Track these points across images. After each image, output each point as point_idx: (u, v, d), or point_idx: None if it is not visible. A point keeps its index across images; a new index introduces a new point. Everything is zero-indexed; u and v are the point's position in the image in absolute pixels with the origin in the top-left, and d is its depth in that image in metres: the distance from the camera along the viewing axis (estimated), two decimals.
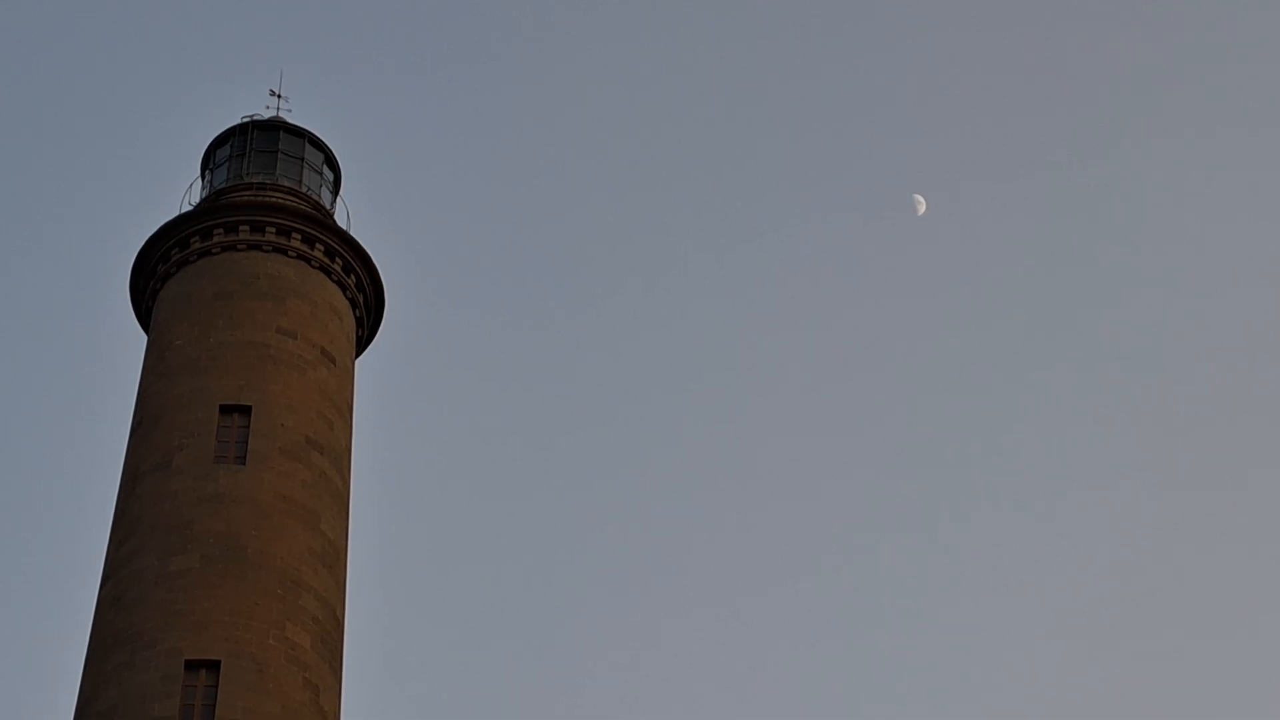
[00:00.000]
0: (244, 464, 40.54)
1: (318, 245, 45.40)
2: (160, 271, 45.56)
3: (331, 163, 48.98)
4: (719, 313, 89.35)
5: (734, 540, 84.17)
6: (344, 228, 46.69)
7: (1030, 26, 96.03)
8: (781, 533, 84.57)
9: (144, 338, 46.33)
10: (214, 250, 44.87)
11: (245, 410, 41.57)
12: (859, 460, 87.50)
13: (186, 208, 46.42)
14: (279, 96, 49.59)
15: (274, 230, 45.02)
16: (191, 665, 36.88)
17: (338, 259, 45.74)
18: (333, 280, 45.56)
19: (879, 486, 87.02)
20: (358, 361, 46.84)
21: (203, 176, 48.37)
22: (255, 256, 44.71)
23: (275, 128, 48.43)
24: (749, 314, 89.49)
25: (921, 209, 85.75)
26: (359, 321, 46.69)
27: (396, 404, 65.44)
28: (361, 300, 46.60)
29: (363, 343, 47.44)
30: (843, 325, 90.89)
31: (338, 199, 48.68)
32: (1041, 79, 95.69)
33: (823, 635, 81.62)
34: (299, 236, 45.19)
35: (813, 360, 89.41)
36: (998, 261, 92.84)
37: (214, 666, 36.95)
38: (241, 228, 45.01)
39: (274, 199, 45.91)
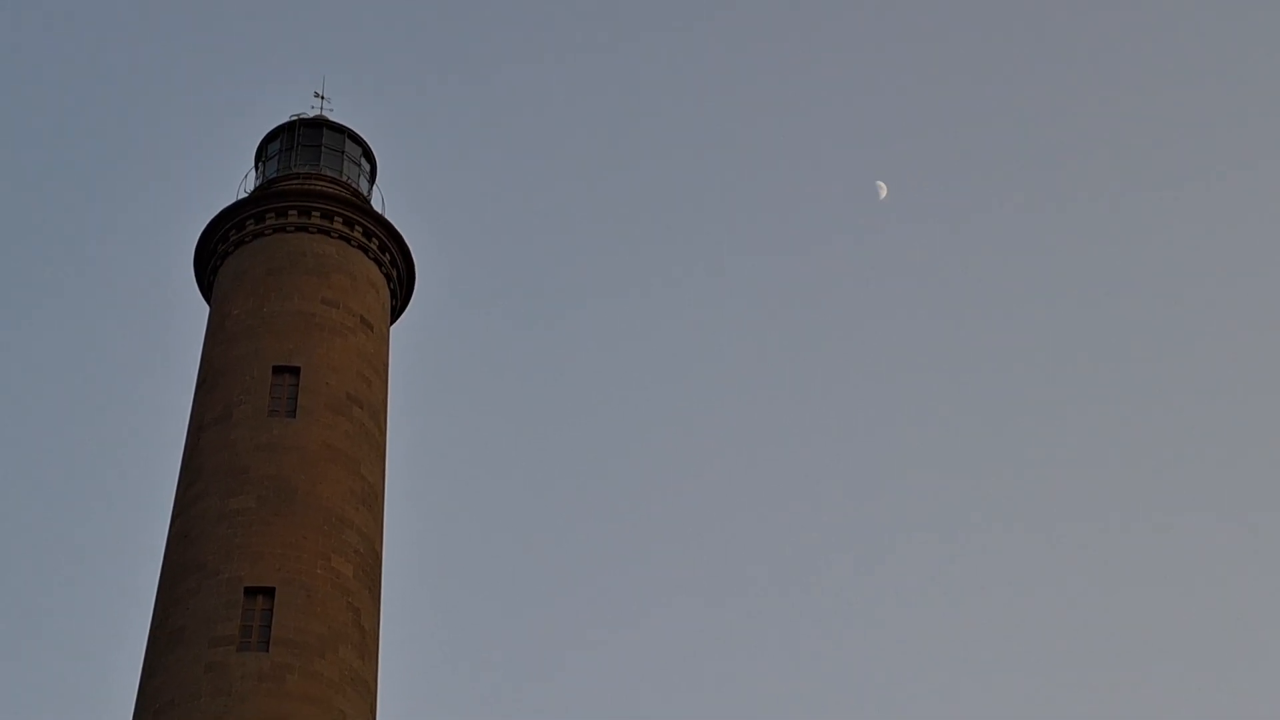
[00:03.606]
0: (294, 417, 40.51)
1: (357, 227, 45.31)
2: (220, 250, 45.53)
3: (368, 155, 48.85)
4: (729, 303, 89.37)
5: (718, 526, 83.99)
6: (379, 212, 46.60)
7: (998, 27, 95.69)
8: (767, 523, 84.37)
9: (206, 308, 46.36)
10: (266, 232, 44.81)
11: (295, 370, 41.54)
12: (854, 458, 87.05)
13: (243, 195, 46.53)
14: (322, 98, 49.62)
15: (319, 214, 44.95)
16: (250, 591, 37.02)
17: (374, 239, 45.61)
18: (370, 257, 45.47)
19: (865, 481, 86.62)
20: (392, 328, 46.96)
21: (256, 168, 48.33)
22: (302, 237, 44.63)
23: (319, 125, 48.41)
24: (749, 311, 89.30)
25: (883, 194, 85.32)
26: (393, 293, 46.59)
27: (426, 364, 65.13)
28: (395, 274, 46.45)
29: (396, 311, 47.32)
30: (844, 330, 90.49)
31: (374, 187, 48.62)
32: (1011, 79, 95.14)
33: (800, 630, 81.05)
34: (340, 219, 45.07)
35: (814, 357, 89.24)
36: (978, 257, 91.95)
37: (269, 592, 37.04)
38: (290, 212, 44.91)
39: (318, 187, 45.87)
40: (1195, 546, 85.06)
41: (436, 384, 74.67)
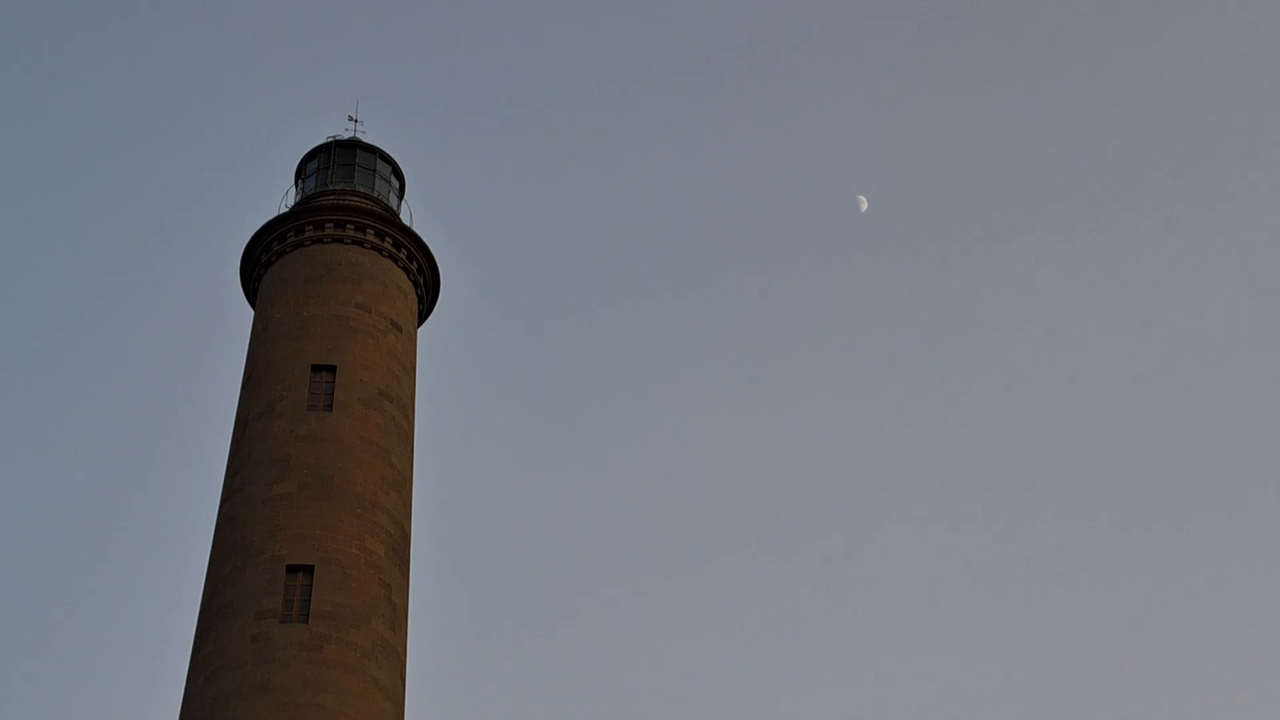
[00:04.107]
0: (330, 411, 41.03)
1: (387, 238, 45.87)
2: (264, 260, 46.22)
3: (398, 173, 49.33)
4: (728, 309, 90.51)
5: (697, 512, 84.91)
6: (407, 224, 47.07)
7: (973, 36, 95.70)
8: (757, 504, 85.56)
9: (251, 312, 47.07)
10: (306, 243, 45.42)
11: (331, 369, 42.05)
12: (846, 454, 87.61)
13: (284, 210, 47.12)
14: (356, 121, 50.24)
15: (353, 227, 45.51)
16: (291, 569, 37.58)
17: (403, 249, 46.19)
18: (399, 266, 45.99)
19: (856, 475, 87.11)
20: (420, 329, 47.31)
21: (296, 184, 48.98)
22: (338, 248, 45.21)
23: (353, 146, 48.98)
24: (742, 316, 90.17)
25: (864, 207, 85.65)
26: (420, 298, 47.09)
27: (450, 362, 65.59)
28: (422, 281, 47.00)
29: (423, 314, 47.77)
30: (850, 336, 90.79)
31: (403, 201, 49.07)
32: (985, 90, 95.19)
33: (789, 604, 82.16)
34: (372, 231, 45.69)
35: (809, 357, 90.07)
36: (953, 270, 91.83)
37: (309, 570, 37.59)
38: (327, 225, 45.49)
39: (352, 202, 46.38)
40: (1160, 545, 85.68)
41: (459, 380, 75.58)
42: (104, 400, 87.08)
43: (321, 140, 49.27)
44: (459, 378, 75.64)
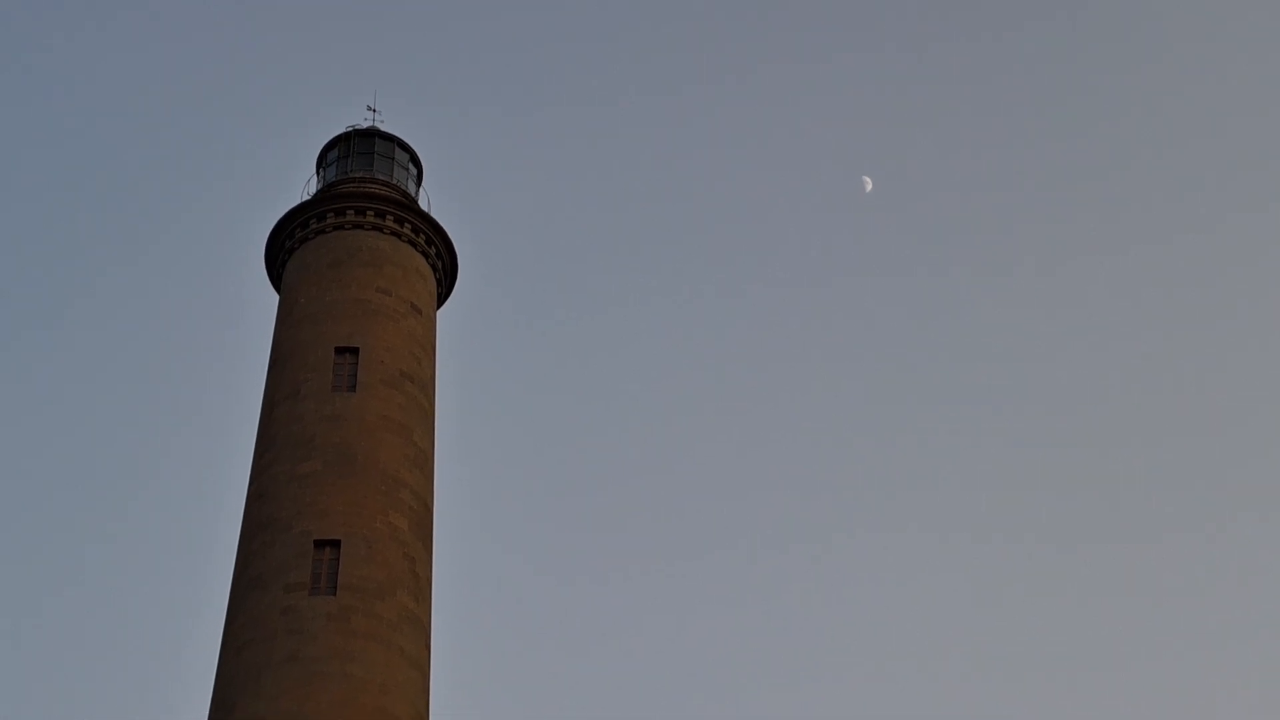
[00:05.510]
0: (354, 391, 41.18)
1: (406, 224, 45.96)
2: (288, 246, 46.39)
3: (415, 160, 49.46)
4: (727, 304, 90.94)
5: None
6: (426, 210, 47.23)
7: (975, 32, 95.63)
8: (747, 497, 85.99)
9: (276, 297, 47.35)
10: (328, 229, 45.53)
11: (354, 350, 42.21)
12: (850, 450, 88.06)
13: (306, 197, 47.36)
14: (374, 111, 50.29)
15: (373, 213, 45.61)
16: (318, 543, 37.75)
17: (421, 234, 46.30)
18: (418, 250, 46.08)
19: (869, 470, 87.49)
20: (439, 312, 47.42)
21: (318, 173, 49.10)
22: (359, 234, 45.30)
23: (372, 135, 49.00)
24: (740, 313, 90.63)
25: (868, 187, 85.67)
26: (439, 281, 47.19)
27: (468, 343, 66.52)
28: (440, 265, 47.11)
29: (442, 297, 47.85)
30: (860, 332, 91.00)
31: (421, 188, 49.23)
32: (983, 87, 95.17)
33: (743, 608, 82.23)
34: (392, 218, 45.76)
35: (813, 352, 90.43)
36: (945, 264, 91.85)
37: (335, 544, 37.75)
38: (348, 212, 45.60)
39: (372, 189, 46.53)
40: (1158, 549, 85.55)
41: (478, 360, 76.28)
42: (136, 384, 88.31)
43: (341, 130, 49.41)
44: (478, 357, 77.63)
